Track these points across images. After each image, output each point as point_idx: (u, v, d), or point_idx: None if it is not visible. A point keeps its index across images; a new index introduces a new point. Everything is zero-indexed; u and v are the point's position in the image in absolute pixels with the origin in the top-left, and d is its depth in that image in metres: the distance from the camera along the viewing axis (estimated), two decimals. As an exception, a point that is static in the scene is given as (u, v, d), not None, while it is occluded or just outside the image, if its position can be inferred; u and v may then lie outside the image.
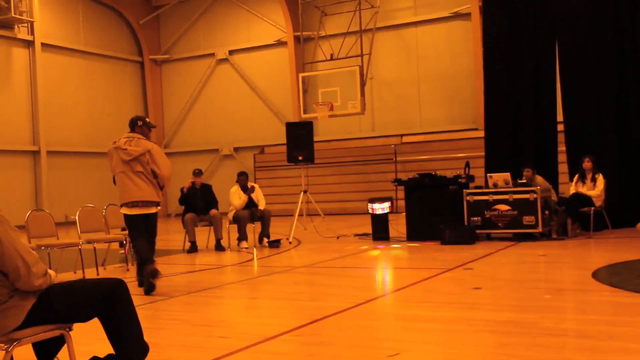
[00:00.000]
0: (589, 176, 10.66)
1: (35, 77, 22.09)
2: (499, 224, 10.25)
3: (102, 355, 3.59)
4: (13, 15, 20.75)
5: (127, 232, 10.50)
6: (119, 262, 9.81)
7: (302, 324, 4.95)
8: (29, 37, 21.99)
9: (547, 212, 10.18)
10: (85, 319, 3.26)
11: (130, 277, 8.06)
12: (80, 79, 23.88)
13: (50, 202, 21.54)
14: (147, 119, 7.77)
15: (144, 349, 3.36)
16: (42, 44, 22.33)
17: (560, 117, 12.09)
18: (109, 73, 25.03)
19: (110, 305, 3.22)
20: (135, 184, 7.39)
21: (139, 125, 7.57)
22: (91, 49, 24.16)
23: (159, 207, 7.67)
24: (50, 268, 7.69)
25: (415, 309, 5.48)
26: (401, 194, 11.34)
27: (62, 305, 3.11)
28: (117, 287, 3.27)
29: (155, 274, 6.99)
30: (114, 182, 7.78)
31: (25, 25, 21.86)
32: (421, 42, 21.92)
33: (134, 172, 7.43)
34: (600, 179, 10.57)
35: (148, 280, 6.93)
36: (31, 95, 22.10)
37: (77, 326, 3.35)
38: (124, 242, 9.48)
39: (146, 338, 3.41)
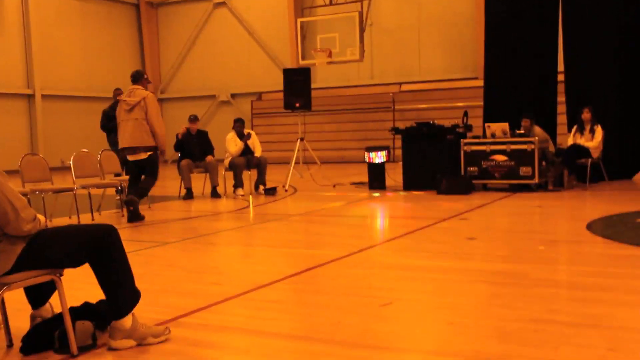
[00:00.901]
0: (588, 127, 10.60)
1: (28, 19, 21.71)
2: (496, 175, 10.23)
3: (94, 301, 3.60)
4: (5, -46, 20.33)
5: (121, 177, 10.53)
6: (115, 208, 9.80)
7: (295, 272, 4.96)
8: (23, -22, 21.54)
9: (544, 163, 10.15)
10: (75, 264, 3.24)
11: (125, 223, 8.08)
12: (75, 21, 23.49)
13: (45, 146, 21.45)
14: (146, 75, 8.71)
15: (135, 295, 3.35)
16: (36, -15, 21.91)
17: (561, 67, 11.96)
18: (104, 16, 24.60)
19: (101, 251, 3.20)
20: (126, 130, 8.13)
21: (145, 78, 8.53)
22: (86, -10, 23.72)
23: (149, 153, 8.04)
24: (44, 213, 7.72)
25: (409, 258, 5.50)
26: (399, 142, 11.28)
27: (52, 250, 3.09)
28: (108, 233, 3.24)
29: (131, 202, 8.01)
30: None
31: (18, -35, 21.39)
32: (422, -12, 21.53)
33: (131, 119, 8.29)
34: (599, 131, 10.51)
35: (128, 209, 7.98)
36: (24, 38, 21.76)
37: (68, 271, 3.34)
38: (119, 187, 9.46)
39: (139, 284, 3.40)
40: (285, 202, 10.34)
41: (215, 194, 10.99)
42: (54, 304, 3.52)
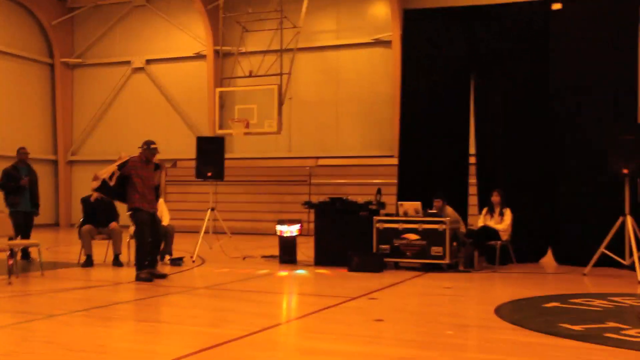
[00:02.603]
0: (497, 210, 10.75)
1: None
2: (408, 253, 10.13)
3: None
4: None
5: (15, 241, 9.86)
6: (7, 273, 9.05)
7: (188, 353, 4.56)
8: None
9: (455, 243, 10.14)
10: None
11: (9, 291, 7.44)
12: (-16, 77, 22.59)
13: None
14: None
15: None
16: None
17: (472, 149, 12.19)
18: (15, 73, 23.73)
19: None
20: None
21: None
22: (-2, 46, 22.94)
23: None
24: None
25: (314, 340, 5.19)
26: (313, 216, 11.09)
27: None
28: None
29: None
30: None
31: None
32: (342, 66, 21.92)
33: None
34: (508, 214, 10.67)
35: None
36: None
37: None
38: (10, 252, 8.82)
39: None
40: (192, 274, 9.89)
41: (117, 263, 10.42)
42: None
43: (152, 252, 9.04)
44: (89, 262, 10.34)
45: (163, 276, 8.90)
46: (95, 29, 25.17)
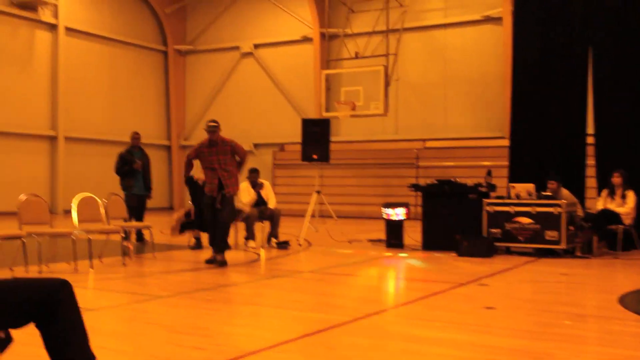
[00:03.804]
0: (619, 192, 10.04)
1: (57, 61, 21.84)
2: (520, 238, 9.66)
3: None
4: (37, -4, 20.58)
5: (129, 223, 10.19)
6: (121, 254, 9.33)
7: (290, 339, 4.46)
8: (53, 21, 21.74)
9: (571, 227, 9.56)
10: (15, 325, 2.79)
11: (123, 271, 7.64)
12: (103, 65, 23.60)
13: (65, 188, 21.29)
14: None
15: (87, 362, 2.87)
16: (66, 28, 22.09)
17: (590, 129, 11.47)
18: (131, 61, 24.72)
19: (48, 311, 2.75)
20: None
21: None
22: (115, 35, 23.86)
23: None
24: (39, 258, 7.31)
25: (419, 328, 4.96)
26: (420, 200, 10.79)
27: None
28: (58, 289, 2.78)
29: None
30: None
31: (50, 7, 21.60)
32: (450, 45, 21.28)
33: None
34: (631, 196, 9.93)
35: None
36: (52, 80, 21.85)
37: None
38: (124, 234, 9.10)
39: (112, 344, 2.97)
40: (298, 257, 9.87)
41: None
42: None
43: (214, 236, 8.81)
44: (198, 245, 10.53)
45: (222, 263, 8.46)
46: (206, 16, 25.75)
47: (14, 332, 2.82)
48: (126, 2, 24.51)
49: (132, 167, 11.48)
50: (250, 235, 10.85)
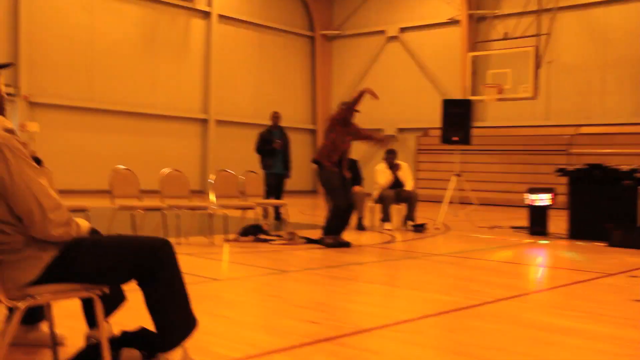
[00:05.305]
0: None
1: (210, 48, 22.72)
2: (681, 230, 8.76)
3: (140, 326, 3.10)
4: (193, -14, 21.49)
5: (267, 201, 10.35)
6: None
7: (407, 319, 4.23)
8: (207, 8, 22.62)
9: None
10: (116, 282, 2.79)
11: (255, 247, 7.72)
12: (251, 51, 24.26)
13: (215, 169, 22.11)
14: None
15: (188, 325, 2.83)
16: (219, 16, 22.90)
17: None
18: (279, 47, 25.23)
19: (148, 269, 2.72)
20: None
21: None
22: (264, 21, 24.43)
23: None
24: (179, 230, 7.52)
25: (555, 316, 4.54)
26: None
27: (87, 264, 2.63)
28: (159, 248, 2.75)
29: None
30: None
31: (204, -5, 22.52)
32: (610, 25, 19.76)
33: None
34: None
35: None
36: (204, 66, 22.76)
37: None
38: (264, 212, 9.24)
39: (231, 312, 2.92)
40: (434, 241, 9.56)
41: (360, 227, 10.44)
42: (122, 322, 3.10)
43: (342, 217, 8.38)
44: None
45: (346, 244, 8.15)
46: (352, 1, 25.73)
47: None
48: (276, -11, 25.01)
49: (272, 146, 11.65)
50: (386, 218, 10.67)
